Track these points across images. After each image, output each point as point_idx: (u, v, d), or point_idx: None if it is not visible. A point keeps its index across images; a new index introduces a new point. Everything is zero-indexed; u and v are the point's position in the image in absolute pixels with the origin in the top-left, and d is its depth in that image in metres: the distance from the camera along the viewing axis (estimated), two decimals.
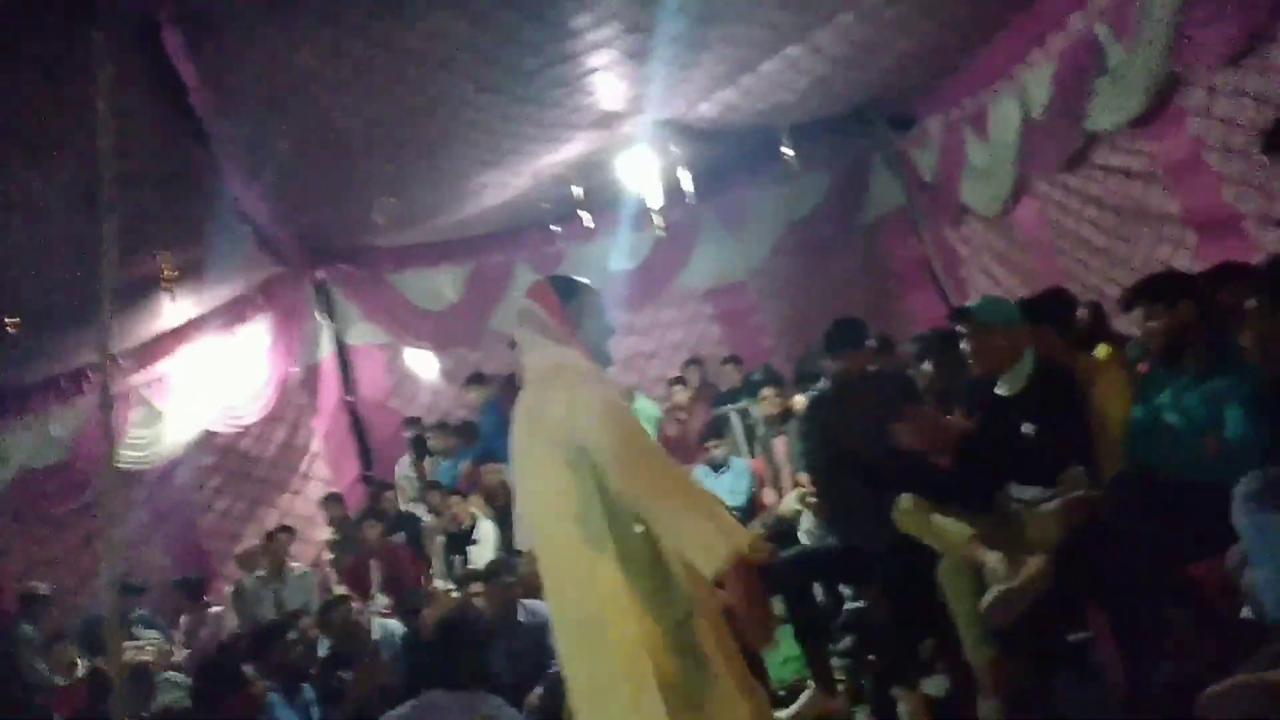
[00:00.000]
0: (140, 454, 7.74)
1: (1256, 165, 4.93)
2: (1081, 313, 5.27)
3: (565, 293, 2.41)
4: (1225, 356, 3.15)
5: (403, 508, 8.02)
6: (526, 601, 5.10)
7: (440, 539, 6.89)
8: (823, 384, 4.34)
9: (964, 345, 3.54)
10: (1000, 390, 3.51)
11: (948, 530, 3.30)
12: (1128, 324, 4.70)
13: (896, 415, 3.38)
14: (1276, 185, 4.97)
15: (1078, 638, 3.57)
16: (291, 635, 5.53)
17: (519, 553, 5.90)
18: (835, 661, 4.40)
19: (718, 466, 6.64)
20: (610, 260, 8.86)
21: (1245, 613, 3.01)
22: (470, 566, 6.27)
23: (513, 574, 5.23)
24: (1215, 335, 3.28)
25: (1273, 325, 3.05)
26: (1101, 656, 3.31)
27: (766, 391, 6.77)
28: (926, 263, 8.87)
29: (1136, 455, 3.18)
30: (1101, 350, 4.40)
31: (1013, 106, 6.70)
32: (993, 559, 3.09)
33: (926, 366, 4.20)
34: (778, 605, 5.41)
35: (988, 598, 3.06)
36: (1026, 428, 3.29)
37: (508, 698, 4.45)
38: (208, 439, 8.21)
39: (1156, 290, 3.29)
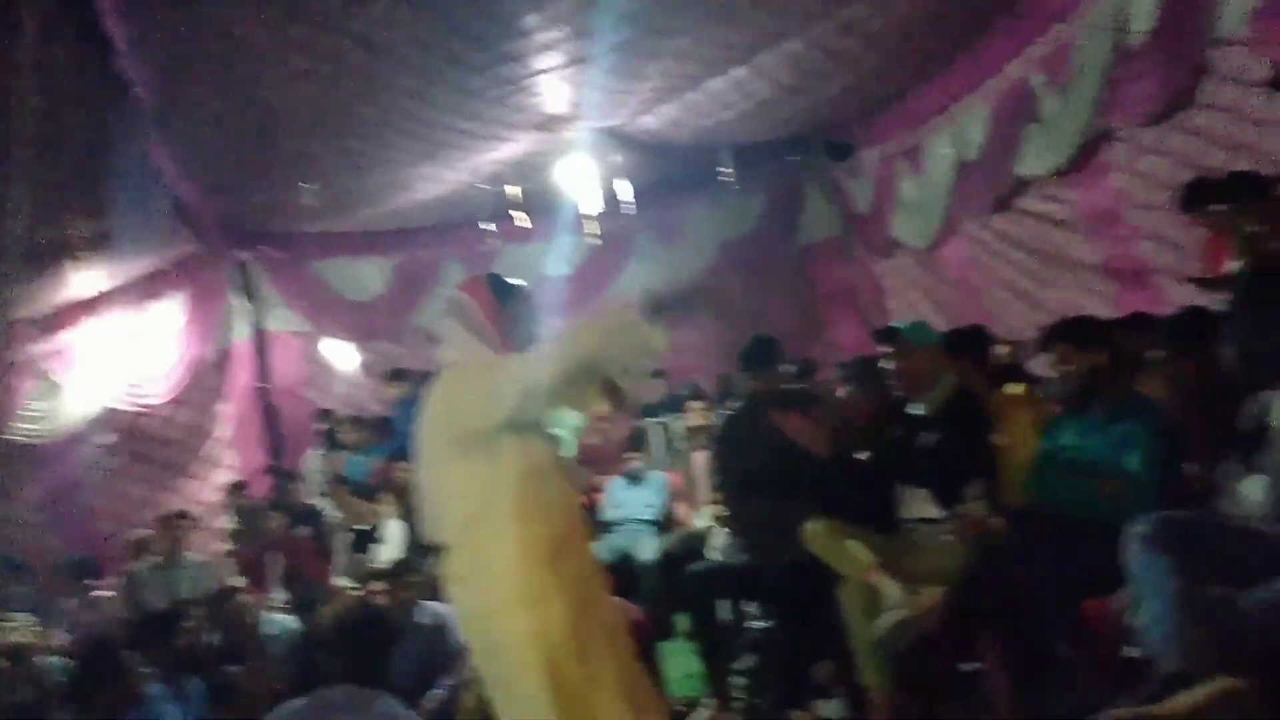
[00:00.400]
0: (35, 427, 7.40)
1: (1172, 222, 5.11)
2: (1003, 350, 5.41)
3: (501, 293, 2.38)
4: (1130, 403, 3.24)
5: (309, 501, 7.82)
6: (427, 603, 5.00)
7: (345, 535, 6.73)
8: (737, 404, 4.36)
9: (886, 364, 3.60)
10: (915, 410, 3.58)
11: (852, 555, 3.34)
12: (1044, 366, 4.84)
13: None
14: (1189, 243, 5.15)
15: (970, 667, 3.63)
16: (183, 625, 5.33)
17: (425, 552, 5.79)
18: (735, 680, 4.40)
19: (635, 479, 6.61)
20: (544, 264, 8.80)
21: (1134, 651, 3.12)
22: (374, 565, 6.12)
23: (416, 574, 5.12)
24: (1122, 382, 3.38)
25: (1177, 375, 3.16)
26: (992, 686, 3.37)
27: (695, 403, 6.77)
28: (855, 291, 9.01)
29: (1038, 492, 3.25)
30: (1014, 388, 4.51)
31: (948, 146, 6.85)
32: (891, 587, 3.14)
33: (844, 391, 4.24)
34: (683, 621, 5.45)
35: (883, 624, 3.10)
36: (926, 437, 3.36)
37: (405, 700, 4.35)
38: (109, 417, 7.90)
39: (1071, 334, 3.37)
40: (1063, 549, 2.90)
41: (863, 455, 3.77)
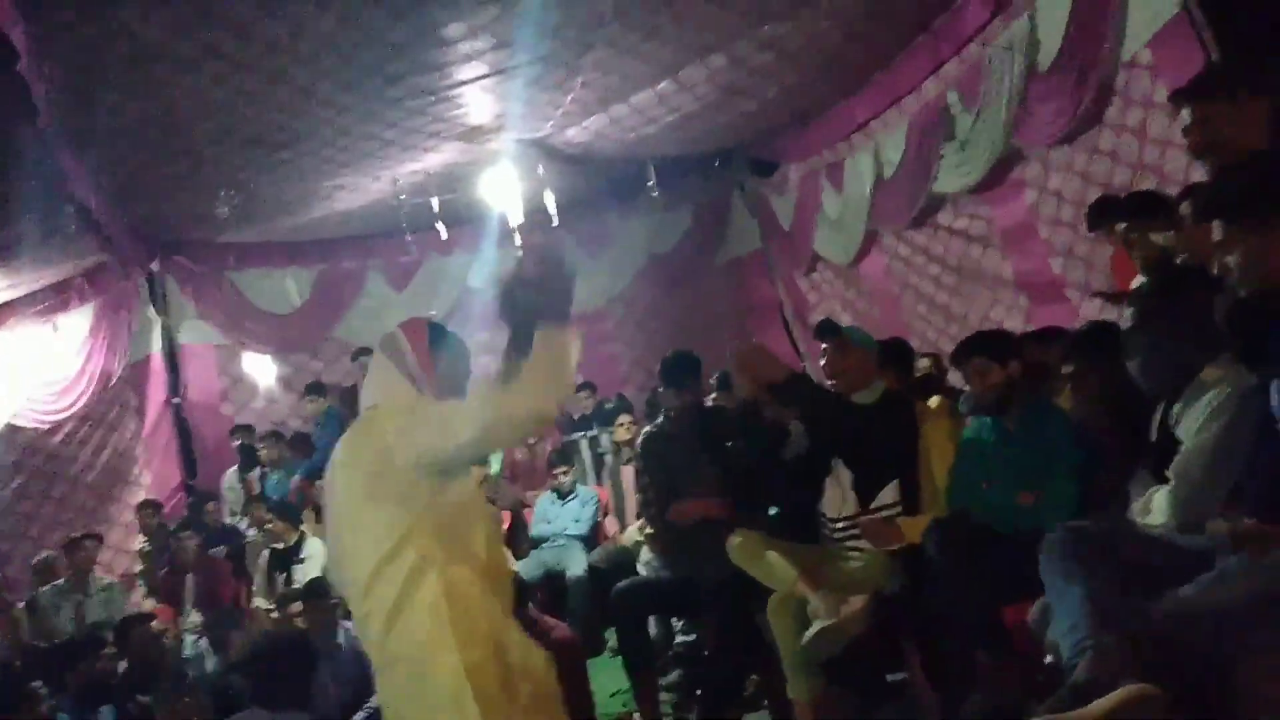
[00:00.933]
0: None
1: (1082, 238, 5.29)
2: (924, 363, 5.52)
3: (436, 337, 2.35)
4: (1044, 415, 3.33)
5: (226, 520, 7.59)
6: (349, 623, 4.88)
7: (264, 555, 6.55)
8: (659, 419, 4.36)
9: (824, 361, 3.64)
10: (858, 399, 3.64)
11: (777, 567, 3.36)
12: (961, 379, 4.93)
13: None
14: (1098, 258, 5.34)
15: (895, 677, 3.69)
16: (91, 651, 5.13)
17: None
18: (663, 695, 4.39)
19: (564, 494, 6.58)
20: (469, 276, 8.73)
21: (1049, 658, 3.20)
22: (294, 585, 5.97)
23: (337, 595, 5.00)
24: (1036, 394, 3.48)
25: (1085, 388, 3.25)
26: (917, 695, 3.42)
27: (624, 418, 6.77)
28: (779, 305, 9.13)
29: (957, 504, 3.31)
30: (933, 400, 4.60)
31: (867, 162, 6.99)
32: (816, 597, 3.16)
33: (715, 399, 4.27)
34: (610, 637, 5.43)
35: (809, 634, 3.12)
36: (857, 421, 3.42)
37: None
38: (11, 434, 7.57)
39: (986, 347, 3.45)
40: (982, 558, 2.95)
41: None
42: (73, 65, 4.29)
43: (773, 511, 3.99)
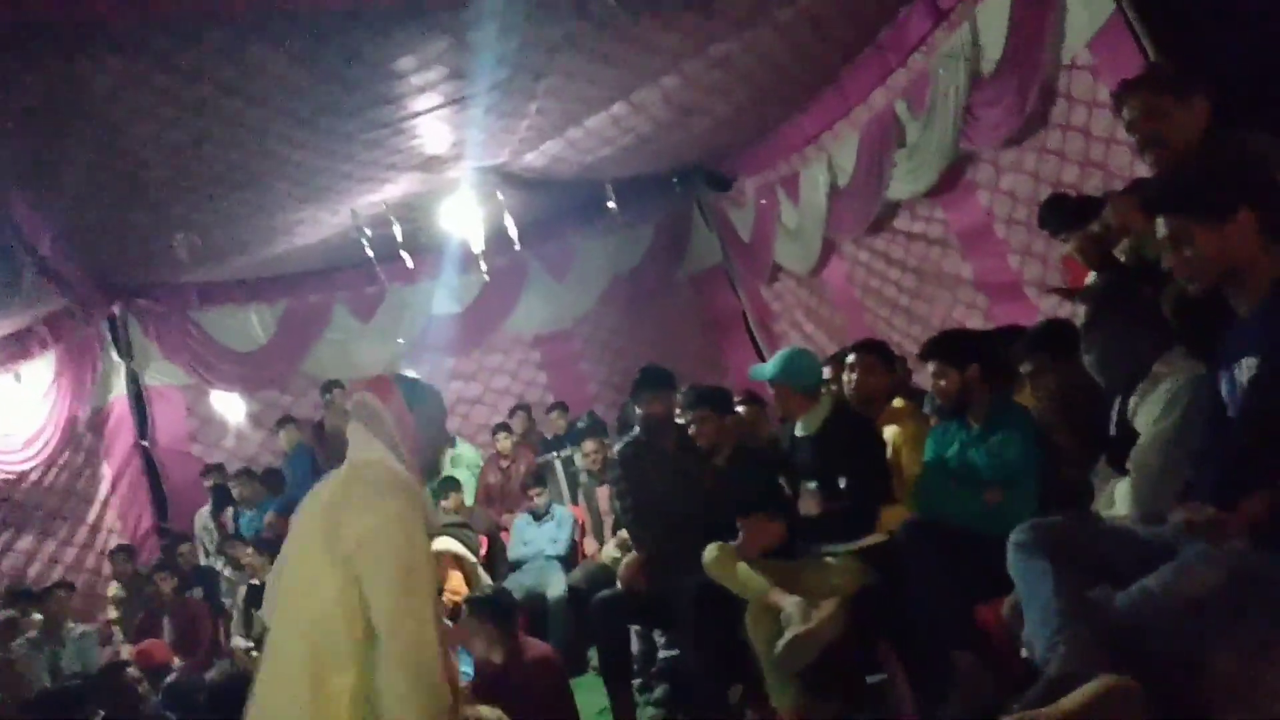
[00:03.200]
0: None
1: (1037, 236, 5.40)
2: None
3: (410, 392, 2.27)
4: (1005, 413, 3.40)
5: (201, 561, 7.51)
6: None
7: (241, 591, 6.49)
8: (635, 432, 4.40)
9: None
10: (798, 431, 3.70)
11: (750, 577, 3.40)
12: (926, 380, 5.00)
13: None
14: (1053, 255, 5.45)
15: (875, 679, 3.73)
16: (69, 703, 5.05)
17: None
18: (651, 711, 4.41)
19: (540, 515, 6.59)
20: (434, 303, 8.73)
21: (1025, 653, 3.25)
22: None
23: None
24: (997, 393, 3.55)
25: (1044, 385, 3.33)
26: (897, 696, 3.47)
27: (588, 446, 6.76)
28: (744, 315, 9.21)
29: (926, 504, 3.37)
30: (898, 402, 4.67)
31: (821, 172, 7.10)
32: (789, 604, 3.20)
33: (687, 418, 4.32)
34: (594, 655, 5.43)
35: (782, 641, 3.16)
36: (843, 483, 3.47)
37: None
38: None
39: (946, 349, 3.52)
40: (954, 558, 3.01)
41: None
42: (22, 113, 4.26)
43: None
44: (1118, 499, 2.53)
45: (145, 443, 8.06)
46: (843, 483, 3.51)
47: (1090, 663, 2.01)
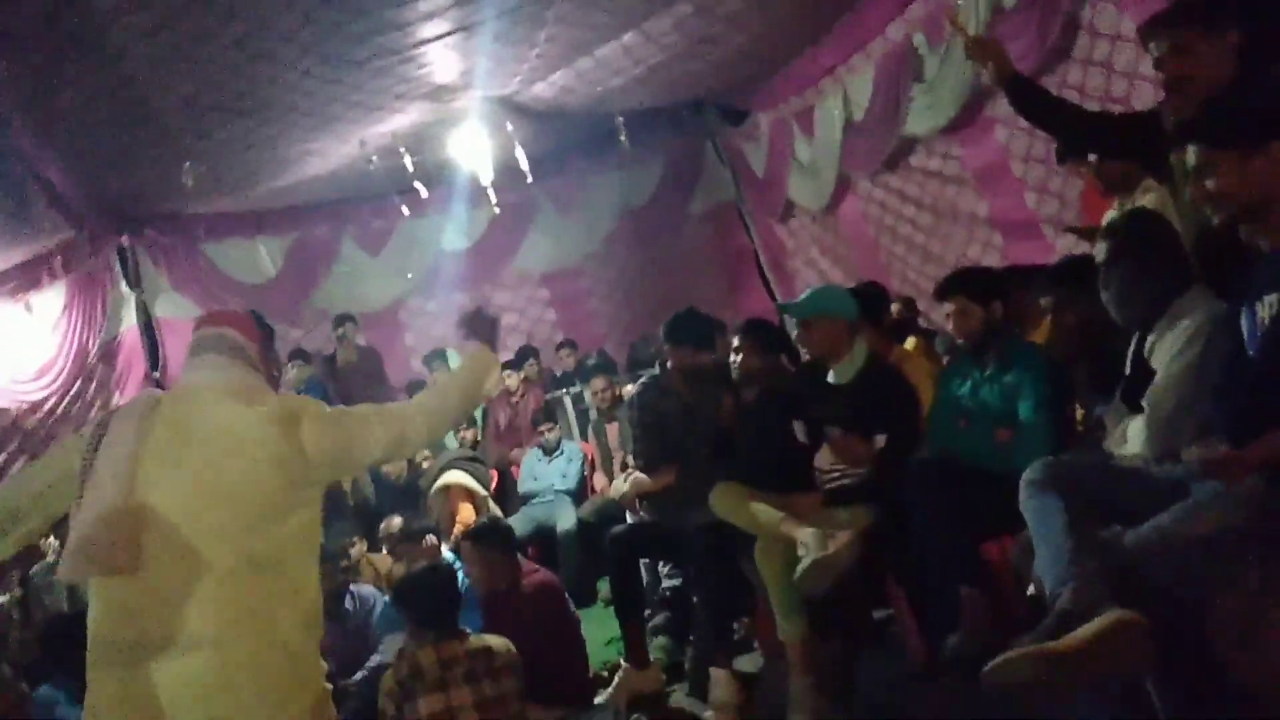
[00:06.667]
0: None
1: (1054, 173, 5.31)
2: (896, 308, 5.56)
3: (268, 333, 2.42)
4: (1019, 351, 3.37)
5: None
6: (355, 587, 4.95)
7: None
8: (656, 369, 4.39)
9: (798, 339, 3.67)
10: (832, 379, 3.64)
11: (761, 513, 3.40)
12: (940, 318, 4.95)
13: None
14: (1070, 193, 5.37)
15: (881, 614, 3.77)
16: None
17: (351, 539, 5.73)
18: (656, 640, 4.47)
19: (550, 450, 6.62)
20: (443, 238, 8.67)
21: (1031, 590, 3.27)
22: None
23: (345, 558, 5.05)
24: (1012, 332, 3.52)
25: (1060, 322, 3.29)
26: (901, 631, 3.50)
27: (598, 383, 6.77)
28: (755, 254, 9.13)
29: (936, 442, 3.37)
30: (910, 342, 4.64)
31: (836, 107, 6.98)
32: (805, 534, 3.20)
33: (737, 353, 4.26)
34: (602, 587, 5.50)
35: (801, 567, 3.17)
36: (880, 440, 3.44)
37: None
38: None
39: (968, 285, 3.48)
40: (961, 494, 3.01)
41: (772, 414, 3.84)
42: (28, 40, 4.19)
43: None
44: (1130, 437, 2.51)
45: (157, 374, 8.08)
46: (880, 440, 3.46)
47: (1100, 598, 2.01)
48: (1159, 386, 2.44)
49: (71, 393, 7.74)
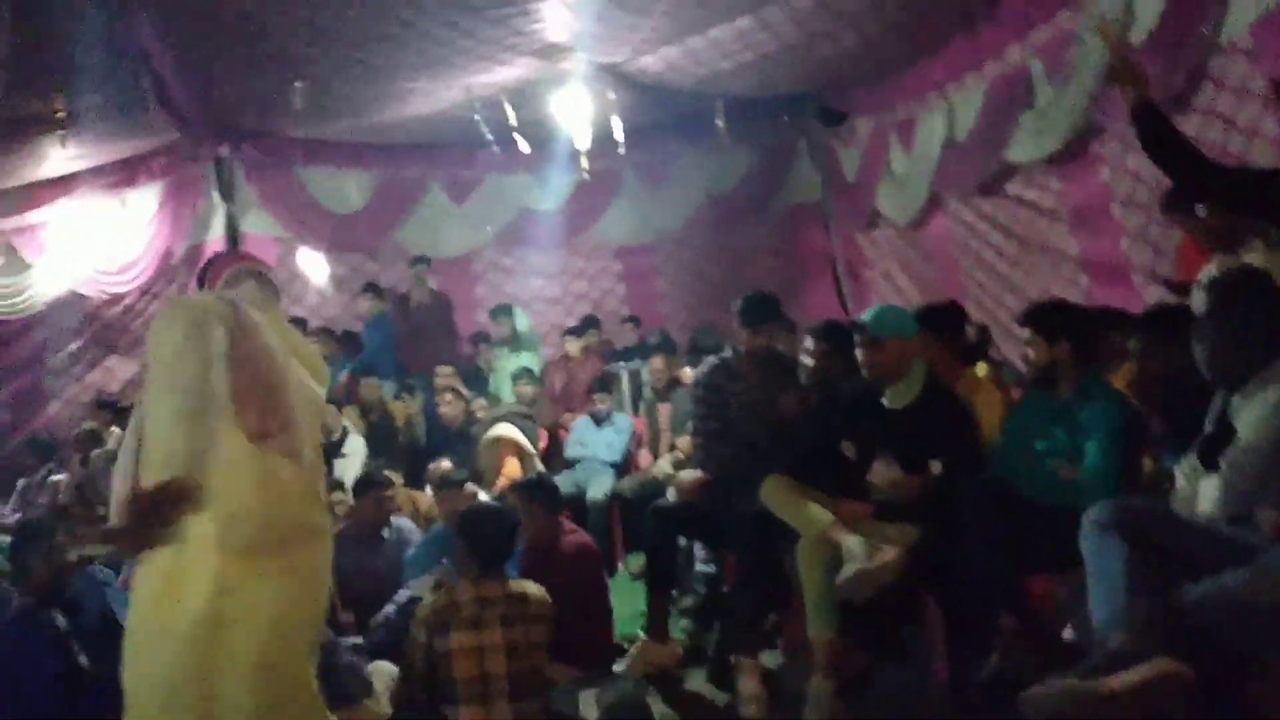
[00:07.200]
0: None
1: (1154, 221, 5.19)
2: (970, 331, 5.48)
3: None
4: (1095, 391, 3.33)
5: None
6: (396, 520, 5.06)
7: None
8: (725, 353, 4.38)
9: (859, 356, 3.62)
10: (887, 402, 3.61)
11: (811, 512, 3.41)
12: (1010, 350, 4.87)
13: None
14: (1166, 244, 5.24)
15: (908, 629, 3.75)
16: None
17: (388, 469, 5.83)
18: (682, 622, 4.50)
19: (600, 419, 6.67)
20: (528, 196, 8.75)
21: (1067, 634, 3.25)
22: (335, 477, 6.14)
23: (388, 487, 5.14)
24: (1088, 371, 3.47)
25: (1143, 369, 3.25)
26: (928, 649, 3.49)
27: (656, 363, 6.81)
28: (831, 258, 9.05)
29: (1000, 471, 3.33)
30: (980, 368, 4.59)
31: (939, 123, 6.87)
32: (853, 541, 3.21)
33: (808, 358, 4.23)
34: (634, 561, 5.55)
35: (845, 573, 3.17)
36: (936, 467, 3.40)
37: (356, 612, 4.41)
38: (74, 301, 7.78)
39: (1041, 319, 3.44)
40: (1017, 524, 2.99)
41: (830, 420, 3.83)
42: None
43: None
44: (1203, 495, 2.47)
45: None
46: (936, 467, 3.41)
47: (1151, 645, 1.99)
48: (1241, 449, 2.40)
49: (151, 291, 7.99)
